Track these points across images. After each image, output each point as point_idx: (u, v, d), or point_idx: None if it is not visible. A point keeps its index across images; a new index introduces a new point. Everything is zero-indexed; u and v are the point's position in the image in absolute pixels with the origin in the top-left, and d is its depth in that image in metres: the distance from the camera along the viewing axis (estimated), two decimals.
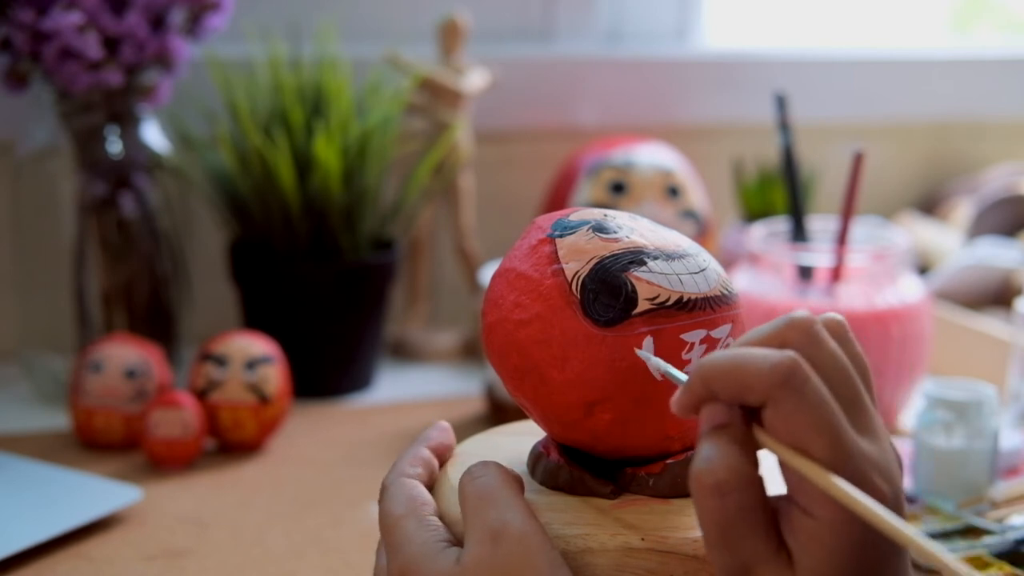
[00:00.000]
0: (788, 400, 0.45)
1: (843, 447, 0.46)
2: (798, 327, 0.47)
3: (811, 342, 0.47)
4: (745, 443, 0.46)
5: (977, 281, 1.13)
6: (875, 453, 0.47)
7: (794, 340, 0.47)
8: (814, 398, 0.45)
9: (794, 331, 0.47)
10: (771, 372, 0.45)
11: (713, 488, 0.46)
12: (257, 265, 1.01)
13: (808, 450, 0.45)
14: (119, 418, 0.89)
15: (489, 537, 0.49)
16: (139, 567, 0.74)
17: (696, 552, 0.50)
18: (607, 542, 0.51)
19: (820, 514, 0.46)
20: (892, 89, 1.37)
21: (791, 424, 0.45)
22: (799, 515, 0.46)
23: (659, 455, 0.54)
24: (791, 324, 0.48)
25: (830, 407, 0.46)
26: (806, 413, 0.45)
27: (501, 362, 0.54)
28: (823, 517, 0.46)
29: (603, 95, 1.24)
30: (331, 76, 1.01)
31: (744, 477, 0.46)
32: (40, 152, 0.98)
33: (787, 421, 0.45)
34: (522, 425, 0.61)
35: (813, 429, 0.45)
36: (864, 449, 0.47)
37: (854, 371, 0.48)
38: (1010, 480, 0.83)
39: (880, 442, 0.48)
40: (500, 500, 0.50)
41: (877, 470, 0.47)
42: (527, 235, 0.56)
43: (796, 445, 0.46)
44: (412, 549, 0.51)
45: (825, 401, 0.46)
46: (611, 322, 0.52)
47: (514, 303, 0.53)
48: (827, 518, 0.46)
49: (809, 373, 0.46)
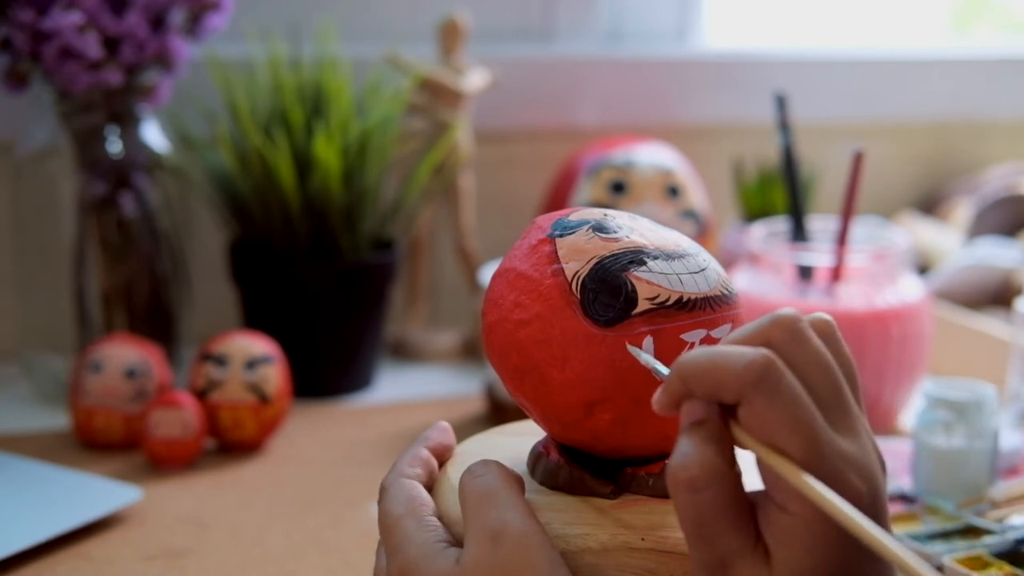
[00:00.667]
0: (761, 399, 0.46)
1: (817, 446, 0.46)
2: (782, 324, 0.48)
3: (794, 339, 0.47)
4: (721, 440, 0.47)
5: (977, 281, 1.13)
6: (854, 452, 0.47)
7: (777, 337, 0.47)
8: (788, 397, 0.46)
9: (778, 328, 0.48)
10: (744, 371, 0.46)
11: (687, 484, 0.46)
12: (257, 265, 1.01)
13: (782, 448, 0.46)
14: (119, 418, 0.89)
15: (489, 537, 0.49)
16: (139, 567, 0.74)
17: None
18: (607, 542, 0.51)
19: (795, 510, 0.46)
20: (892, 89, 1.37)
21: (764, 422, 0.46)
22: (775, 511, 0.47)
23: (659, 455, 0.54)
24: (775, 321, 0.48)
25: (805, 405, 0.46)
26: (779, 412, 0.46)
27: (501, 362, 0.54)
28: (798, 513, 0.46)
29: (603, 95, 1.24)
30: (331, 76, 1.01)
31: (718, 474, 0.46)
32: (40, 152, 0.98)
33: (760, 419, 0.46)
34: (522, 425, 0.61)
35: (786, 427, 0.45)
36: (842, 448, 0.47)
37: (838, 370, 0.48)
38: (1010, 480, 0.83)
39: (860, 441, 0.48)
40: (500, 500, 0.50)
41: (854, 469, 0.47)
42: (527, 235, 0.56)
43: (771, 443, 0.46)
44: (411, 550, 0.51)
45: (799, 399, 0.46)
46: (611, 322, 0.52)
47: (514, 303, 0.53)
48: (802, 514, 0.46)
49: (783, 371, 0.46)
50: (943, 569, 0.71)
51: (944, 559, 0.71)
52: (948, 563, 0.71)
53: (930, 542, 0.74)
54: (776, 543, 0.46)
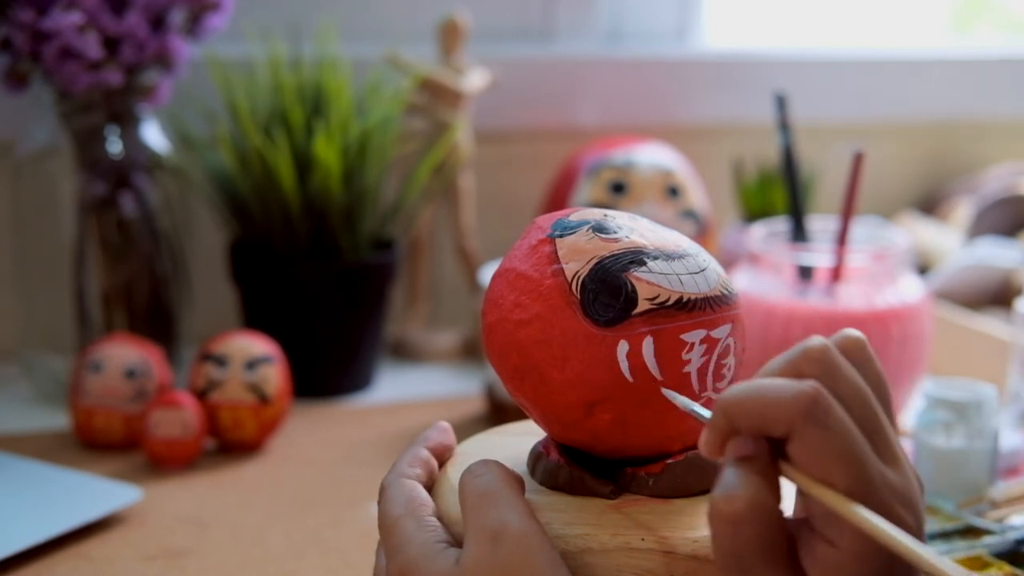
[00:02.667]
0: (812, 431, 0.45)
1: (868, 477, 0.45)
2: (812, 357, 0.47)
3: (827, 372, 0.46)
4: (768, 475, 0.46)
5: (977, 281, 1.13)
6: (899, 483, 0.46)
7: (809, 372, 0.46)
8: (839, 428, 0.45)
9: (809, 362, 0.46)
10: (793, 403, 0.45)
11: (730, 517, 0.45)
12: (257, 265, 1.01)
13: (833, 481, 0.45)
14: (119, 418, 0.89)
15: (489, 537, 0.49)
16: (139, 567, 0.74)
17: (696, 552, 0.50)
18: (607, 542, 0.51)
19: (844, 546, 0.45)
20: (892, 89, 1.37)
21: (816, 455, 0.45)
22: (822, 546, 0.46)
23: (659, 455, 0.54)
24: (806, 355, 0.47)
25: (854, 437, 0.45)
26: (831, 443, 0.45)
27: (501, 362, 0.54)
28: (847, 549, 0.45)
29: (603, 95, 1.24)
30: (331, 76, 1.01)
31: (763, 510, 0.45)
32: (40, 152, 0.98)
33: (812, 452, 0.45)
34: (522, 425, 0.61)
35: (839, 460, 0.45)
36: (889, 479, 0.46)
37: (873, 397, 0.47)
38: (1010, 480, 0.83)
39: (903, 471, 0.47)
40: (500, 500, 0.50)
41: (901, 500, 0.46)
42: (527, 235, 0.56)
43: (821, 476, 0.45)
44: (411, 550, 0.51)
45: (849, 431, 0.45)
46: (611, 322, 0.52)
47: (514, 303, 0.53)
48: (851, 550, 0.45)
49: (832, 402, 0.45)
50: None
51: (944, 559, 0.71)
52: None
53: (930, 542, 0.74)
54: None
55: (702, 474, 0.54)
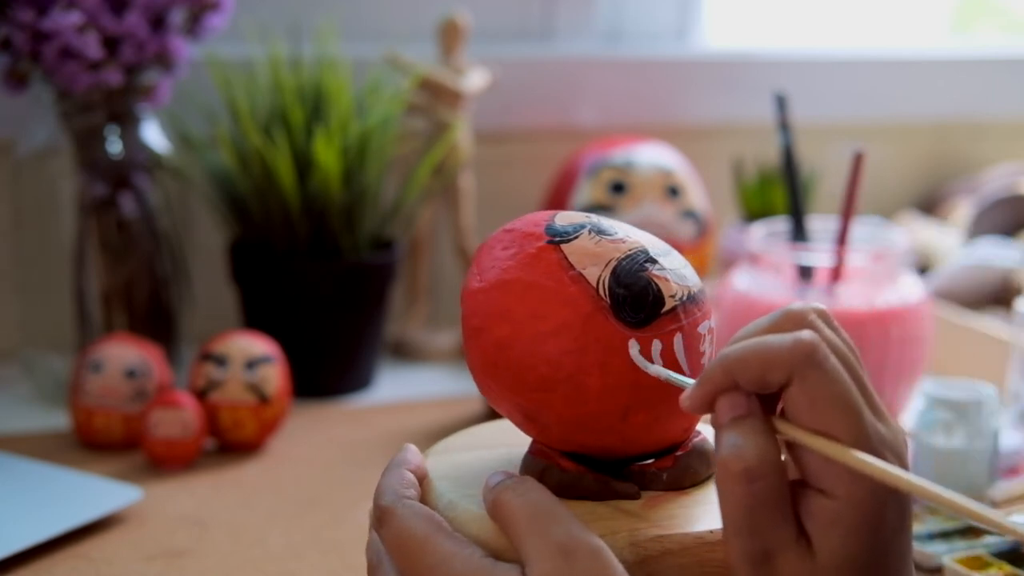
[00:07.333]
0: (813, 374, 0.46)
1: (863, 425, 0.47)
2: (795, 319, 0.49)
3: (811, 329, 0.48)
4: (767, 431, 0.47)
5: (977, 281, 1.13)
6: (888, 434, 0.48)
7: (790, 330, 0.48)
8: (836, 374, 0.47)
9: (792, 323, 0.48)
10: (793, 348, 0.46)
11: (743, 474, 0.46)
12: (257, 265, 1.01)
13: (830, 430, 0.46)
14: (119, 418, 0.89)
15: (560, 553, 0.47)
16: (139, 567, 0.74)
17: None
18: (682, 540, 0.50)
19: (841, 494, 0.46)
20: (892, 89, 1.37)
21: (816, 401, 0.46)
22: (818, 498, 0.47)
23: (665, 449, 0.54)
24: (788, 316, 0.49)
25: (850, 384, 0.47)
26: (830, 387, 0.46)
27: (520, 377, 0.52)
28: (843, 496, 0.46)
29: (603, 95, 1.24)
30: (331, 76, 1.01)
31: (771, 464, 0.47)
32: (40, 152, 0.98)
33: (812, 397, 0.46)
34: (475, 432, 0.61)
35: (836, 405, 0.46)
36: (879, 430, 0.48)
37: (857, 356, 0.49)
38: (1010, 480, 0.83)
39: (889, 423, 0.49)
40: (559, 515, 0.49)
41: (891, 451, 0.48)
42: (514, 245, 0.54)
43: (819, 424, 0.46)
44: (456, 565, 0.49)
45: (844, 378, 0.47)
46: (642, 322, 0.52)
47: (530, 314, 0.52)
48: (848, 498, 0.46)
49: (828, 351, 0.47)
50: (943, 569, 0.71)
51: (944, 559, 0.71)
52: (948, 563, 0.71)
53: (930, 542, 0.74)
54: (820, 530, 0.47)
55: (708, 461, 0.54)
